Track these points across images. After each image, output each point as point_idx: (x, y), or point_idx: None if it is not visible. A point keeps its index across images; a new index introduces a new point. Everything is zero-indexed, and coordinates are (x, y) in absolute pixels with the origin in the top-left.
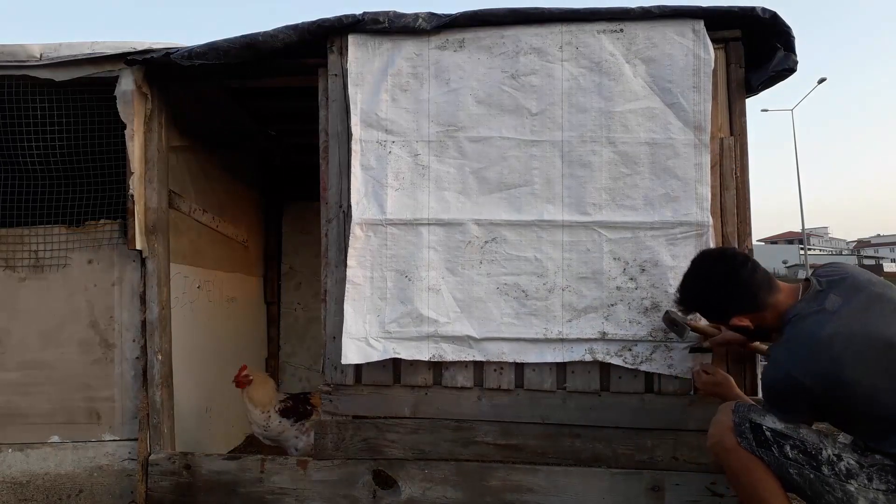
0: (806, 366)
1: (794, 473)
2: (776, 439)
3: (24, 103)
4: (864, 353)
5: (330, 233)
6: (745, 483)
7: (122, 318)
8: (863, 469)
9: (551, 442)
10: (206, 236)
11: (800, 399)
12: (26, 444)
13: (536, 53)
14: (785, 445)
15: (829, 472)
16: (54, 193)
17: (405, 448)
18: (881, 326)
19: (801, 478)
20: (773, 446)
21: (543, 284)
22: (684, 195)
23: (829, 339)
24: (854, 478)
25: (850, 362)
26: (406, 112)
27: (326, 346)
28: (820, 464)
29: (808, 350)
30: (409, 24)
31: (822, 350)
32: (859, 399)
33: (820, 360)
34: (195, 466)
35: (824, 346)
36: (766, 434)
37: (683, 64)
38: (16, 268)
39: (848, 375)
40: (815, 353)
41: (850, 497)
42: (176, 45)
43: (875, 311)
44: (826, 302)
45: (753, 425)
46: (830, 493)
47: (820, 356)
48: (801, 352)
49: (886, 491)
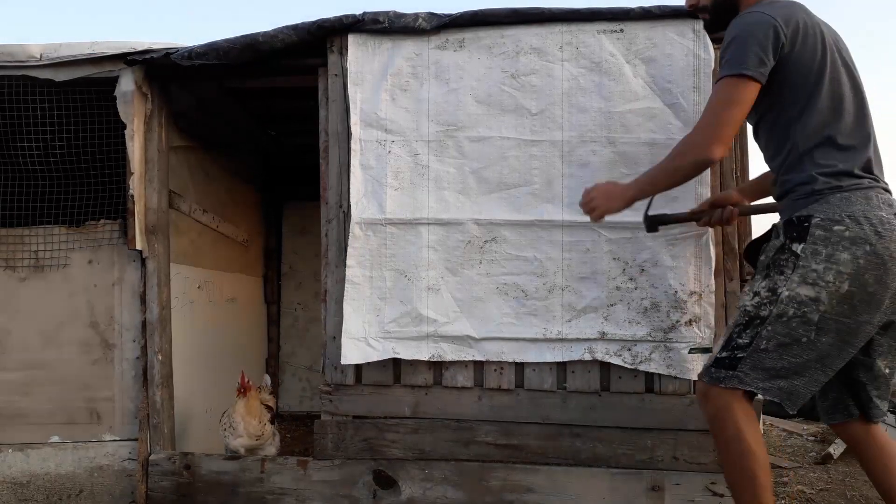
0: (784, 15)
1: (767, 332)
2: (735, 342)
3: (24, 103)
4: (830, 38)
5: (330, 233)
6: (732, 449)
7: (123, 318)
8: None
9: (551, 442)
10: (206, 236)
11: (769, 43)
12: (26, 445)
13: (536, 53)
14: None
15: (787, 302)
16: (54, 193)
17: (405, 448)
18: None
19: (775, 330)
20: (737, 352)
21: (543, 284)
22: (684, 195)
23: (807, 9)
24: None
25: (818, 35)
26: (406, 112)
27: (326, 346)
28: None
29: (788, 6)
30: (409, 23)
31: (802, 9)
32: (801, 73)
33: (796, 16)
34: (195, 466)
35: (802, 8)
36: (728, 352)
37: (683, 64)
38: (16, 268)
39: (812, 33)
40: (794, 9)
41: (810, 297)
42: (176, 46)
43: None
44: None
45: (715, 360)
46: (800, 319)
47: (796, 14)
48: (782, 7)
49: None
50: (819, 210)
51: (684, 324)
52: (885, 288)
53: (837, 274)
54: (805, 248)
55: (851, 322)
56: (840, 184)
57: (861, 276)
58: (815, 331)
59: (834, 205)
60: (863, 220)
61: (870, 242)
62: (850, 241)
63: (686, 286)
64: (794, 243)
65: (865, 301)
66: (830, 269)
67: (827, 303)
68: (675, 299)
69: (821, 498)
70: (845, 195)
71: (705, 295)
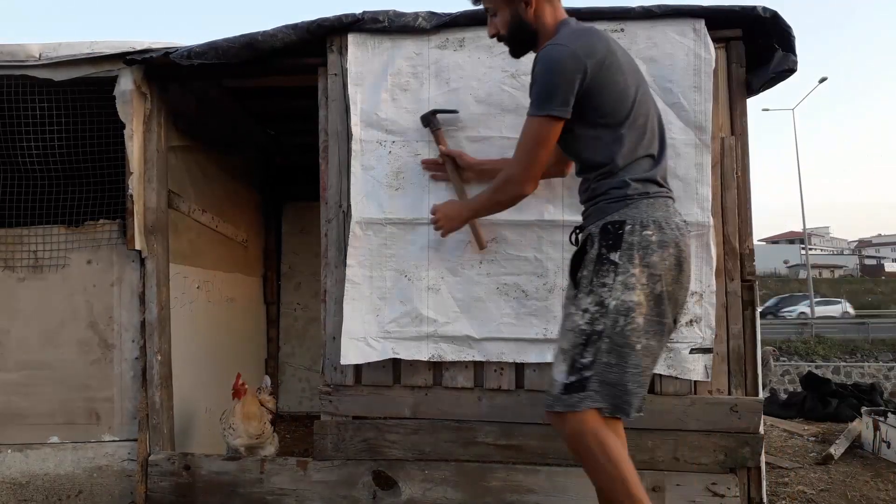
0: (586, 45)
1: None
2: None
3: (24, 103)
4: (628, 64)
5: (330, 233)
6: (601, 464)
7: (122, 318)
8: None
9: (552, 442)
10: (205, 236)
11: (575, 76)
12: (25, 445)
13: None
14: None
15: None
16: (53, 193)
17: (405, 448)
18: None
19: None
20: (583, 372)
21: (543, 284)
22: (685, 195)
23: (606, 36)
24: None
25: (620, 59)
26: (406, 112)
27: (326, 347)
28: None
29: (587, 35)
30: (409, 23)
31: (600, 37)
32: (612, 96)
33: (598, 45)
34: (195, 467)
35: (602, 35)
36: (574, 375)
37: (684, 64)
38: (15, 268)
39: (617, 63)
40: (594, 39)
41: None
42: (175, 45)
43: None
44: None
45: (564, 387)
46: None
47: (598, 42)
48: (581, 36)
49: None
50: (630, 215)
51: (685, 324)
52: (681, 288)
53: (651, 276)
54: (621, 255)
55: (667, 321)
56: (647, 191)
57: (667, 278)
58: (644, 334)
59: (643, 210)
60: (664, 225)
61: (672, 245)
62: (657, 245)
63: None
64: (611, 252)
65: (672, 301)
66: (645, 272)
67: (646, 305)
68: None
69: (821, 498)
70: (651, 201)
71: (706, 295)
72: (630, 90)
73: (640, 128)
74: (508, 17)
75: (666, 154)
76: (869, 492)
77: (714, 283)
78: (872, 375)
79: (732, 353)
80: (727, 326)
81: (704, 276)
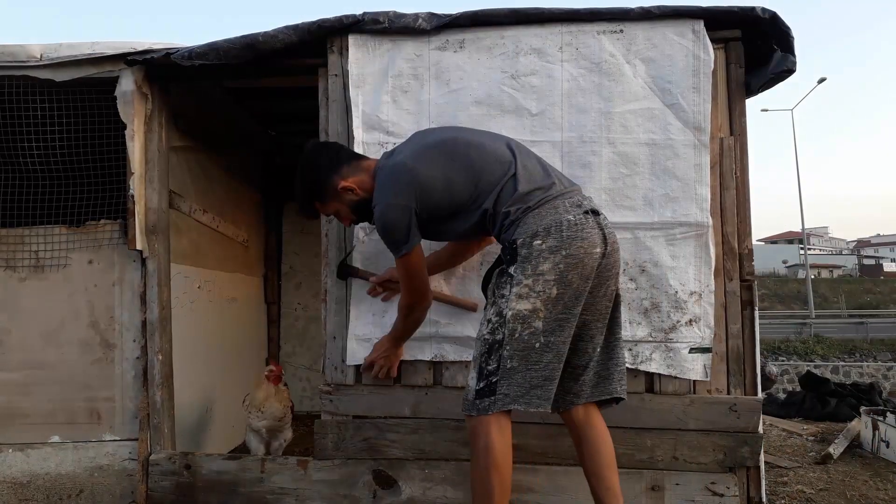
0: (397, 189)
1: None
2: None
3: (25, 103)
4: (430, 157)
5: (330, 233)
6: (480, 463)
7: (123, 318)
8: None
9: (552, 442)
10: (206, 236)
11: (410, 219)
12: (27, 444)
13: (536, 54)
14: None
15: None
16: (55, 194)
17: (405, 448)
18: (436, 135)
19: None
20: (484, 379)
21: None
22: (684, 195)
23: (402, 162)
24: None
25: (423, 168)
26: (407, 114)
27: (327, 346)
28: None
29: (391, 178)
30: (410, 24)
31: (400, 171)
32: (441, 191)
33: (401, 179)
34: (195, 466)
35: (400, 167)
36: (483, 381)
37: (683, 64)
38: (16, 268)
39: (424, 175)
40: (398, 176)
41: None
42: (176, 46)
43: (433, 132)
44: (394, 151)
45: (476, 392)
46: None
47: (401, 176)
48: (387, 183)
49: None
50: (520, 232)
51: (685, 324)
52: (586, 280)
53: (545, 283)
54: (516, 268)
55: (570, 316)
56: (528, 205)
57: (565, 278)
58: (544, 334)
59: (530, 224)
60: (554, 230)
61: (564, 248)
62: (548, 251)
63: (686, 286)
64: (509, 266)
65: (574, 297)
66: (538, 280)
67: (544, 309)
68: (676, 299)
69: (820, 498)
70: (536, 212)
71: (705, 295)
72: (451, 172)
73: (479, 171)
74: (348, 208)
75: (523, 155)
76: (868, 491)
77: (713, 282)
78: (871, 375)
79: (731, 352)
80: (726, 326)
81: (703, 275)
